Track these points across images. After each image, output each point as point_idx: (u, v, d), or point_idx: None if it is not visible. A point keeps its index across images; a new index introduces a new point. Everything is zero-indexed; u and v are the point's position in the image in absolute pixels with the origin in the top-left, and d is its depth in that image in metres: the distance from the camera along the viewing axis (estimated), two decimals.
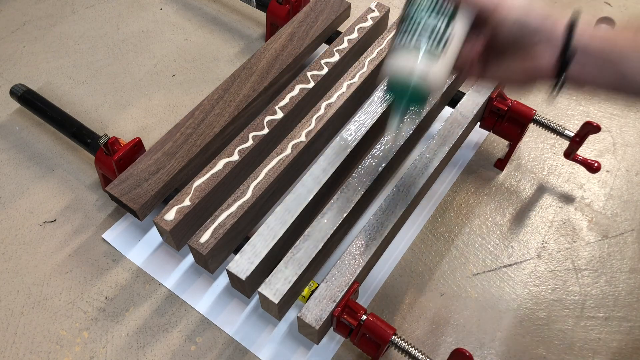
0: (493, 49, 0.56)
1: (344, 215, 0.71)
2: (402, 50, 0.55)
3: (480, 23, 0.54)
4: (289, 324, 0.76)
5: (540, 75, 0.54)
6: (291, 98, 0.83)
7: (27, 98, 0.92)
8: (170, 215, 0.71)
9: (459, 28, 0.54)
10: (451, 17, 0.54)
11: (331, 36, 0.98)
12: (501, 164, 0.91)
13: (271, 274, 0.66)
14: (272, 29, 1.03)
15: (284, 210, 0.71)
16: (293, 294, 0.68)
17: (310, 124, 0.80)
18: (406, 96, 0.56)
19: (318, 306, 0.64)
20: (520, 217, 0.86)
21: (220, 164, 0.76)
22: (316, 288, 0.66)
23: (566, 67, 0.52)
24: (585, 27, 0.51)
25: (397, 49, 0.56)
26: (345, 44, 0.90)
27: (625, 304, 0.77)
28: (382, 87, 0.84)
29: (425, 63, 0.54)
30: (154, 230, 0.84)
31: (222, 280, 0.80)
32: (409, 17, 0.55)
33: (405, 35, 0.55)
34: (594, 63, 0.51)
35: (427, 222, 0.85)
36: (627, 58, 0.50)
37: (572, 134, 0.83)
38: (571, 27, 0.51)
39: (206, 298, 0.78)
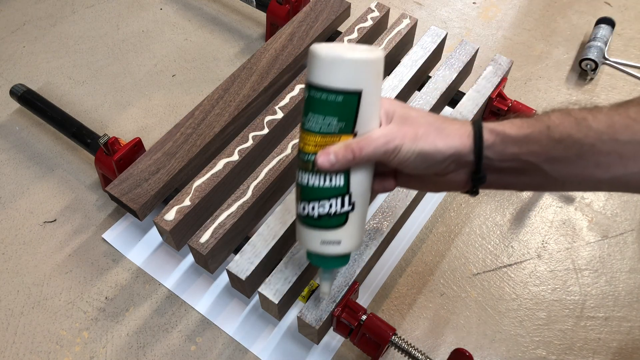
0: (403, 175, 0.53)
1: None
2: (309, 221, 0.51)
3: (383, 163, 0.50)
4: (289, 324, 0.76)
5: (455, 189, 0.52)
6: (291, 98, 0.83)
7: (27, 98, 0.92)
8: (170, 215, 0.71)
9: (360, 179, 0.50)
10: (348, 174, 0.49)
11: (331, 36, 0.98)
12: None
13: (271, 274, 0.66)
14: (272, 29, 1.03)
15: (284, 210, 0.71)
16: (293, 294, 0.68)
17: None
18: (327, 265, 0.55)
19: (318, 306, 0.64)
20: (520, 217, 0.86)
21: (220, 164, 0.76)
22: (316, 288, 0.66)
23: (480, 183, 0.49)
24: (494, 135, 0.46)
25: (303, 220, 0.52)
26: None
27: (625, 304, 0.77)
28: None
29: (333, 229, 0.50)
30: (154, 230, 0.84)
31: (222, 280, 0.80)
32: (305, 185, 0.50)
33: (306, 205, 0.50)
34: (510, 171, 0.48)
35: (427, 222, 0.85)
36: (544, 162, 0.45)
37: None
38: (479, 145, 0.47)
39: (206, 298, 0.78)
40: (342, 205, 0.50)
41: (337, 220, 0.50)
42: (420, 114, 0.49)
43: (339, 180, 0.49)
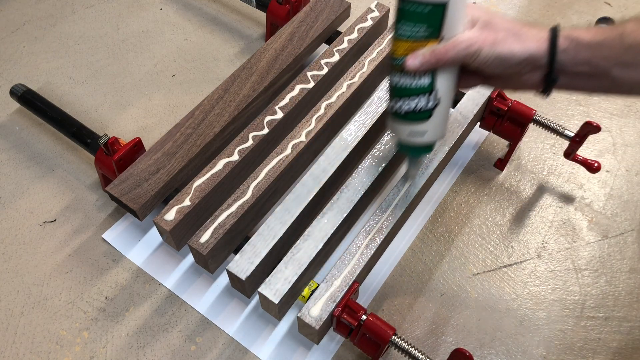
0: (484, 75, 0.57)
1: (344, 215, 0.71)
2: (397, 115, 0.58)
3: (466, 65, 0.55)
4: (289, 324, 0.76)
5: (529, 89, 0.55)
6: (291, 98, 0.83)
7: (27, 98, 0.92)
8: (170, 215, 0.71)
9: (445, 79, 0.55)
10: (433, 75, 0.55)
11: (331, 36, 0.98)
12: (501, 164, 0.91)
13: (271, 274, 0.66)
14: (272, 29, 1.03)
15: (284, 210, 0.71)
16: (293, 294, 0.68)
17: (310, 124, 0.80)
18: (414, 153, 0.63)
19: (318, 306, 0.64)
20: (520, 217, 0.86)
21: (220, 164, 0.76)
22: (316, 288, 0.66)
23: (553, 85, 0.52)
24: (568, 41, 0.50)
25: (393, 115, 0.59)
26: (345, 44, 0.90)
27: (625, 304, 0.77)
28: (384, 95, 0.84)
29: (419, 123, 0.57)
30: (154, 230, 0.84)
31: (222, 280, 0.80)
32: (395, 84, 0.57)
33: (397, 102, 0.57)
34: (581, 75, 0.51)
35: (427, 222, 0.85)
36: (614, 66, 0.49)
37: (572, 134, 0.83)
38: (553, 49, 0.50)
39: (206, 298, 0.78)
40: (428, 102, 0.56)
41: (422, 115, 0.57)
42: (502, 20, 0.53)
43: (425, 80, 0.55)
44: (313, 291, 0.67)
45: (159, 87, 1.03)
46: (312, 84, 0.85)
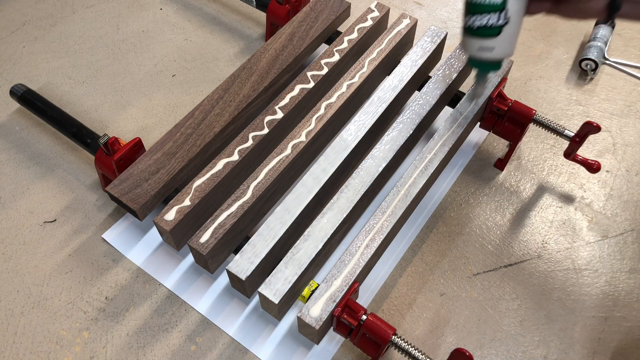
0: (552, 2, 0.60)
1: (344, 215, 0.71)
2: (469, 30, 0.63)
3: None
4: (289, 324, 0.76)
5: (593, 17, 0.57)
6: (291, 98, 0.83)
7: (27, 98, 0.92)
8: (170, 215, 0.71)
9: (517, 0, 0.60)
10: None
11: (331, 36, 0.98)
12: (501, 164, 0.91)
13: (271, 274, 0.67)
14: (272, 29, 1.03)
15: (284, 210, 0.71)
16: (293, 294, 0.68)
17: (310, 124, 0.80)
18: (483, 68, 0.66)
19: (318, 306, 0.64)
20: (520, 217, 0.86)
21: (220, 164, 0.76)
22: (316, 288, 0.66)
23: (616, 12, 0.54)
24: None
25: (466, 30, 0.63)
26: (345, 44, 0.90)
27: (625, 304, 0.77)
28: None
29: (489, 39, 0.62)
30: (154, 230, 0.84)
31: (222, 280, 0.80)
32: (471, 0, 0.61)
33: (470, 18, 0.62)
34: None
35: (427, 222, 0.85)
36: None
37: (572, 134, 0.83)
38: None
39: (206, 298, 0.78)
40: (498, 19, 0.60)
41: (492, 31, 0.61)
42: None
43: None
44: (313, 291, 0.67)
45: (159, 87, 1.03)
46: (312, 84, 0.85)
